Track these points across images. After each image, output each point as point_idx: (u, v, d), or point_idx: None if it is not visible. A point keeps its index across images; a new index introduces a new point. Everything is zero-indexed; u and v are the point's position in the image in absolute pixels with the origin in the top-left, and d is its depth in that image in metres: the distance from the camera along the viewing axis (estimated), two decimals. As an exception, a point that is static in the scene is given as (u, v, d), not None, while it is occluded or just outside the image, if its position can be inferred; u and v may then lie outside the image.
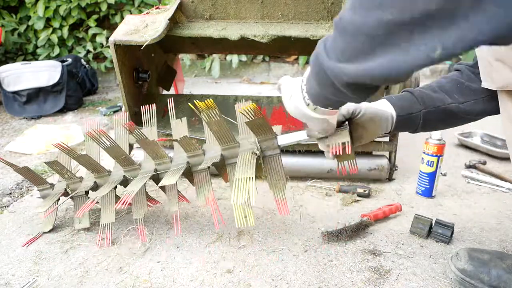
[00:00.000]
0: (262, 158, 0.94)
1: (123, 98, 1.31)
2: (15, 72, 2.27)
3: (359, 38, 0.49)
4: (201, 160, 0.99)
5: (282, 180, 0.93)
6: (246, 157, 0.91)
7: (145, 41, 1.17)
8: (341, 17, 0.52)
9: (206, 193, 0.96)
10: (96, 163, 1.07)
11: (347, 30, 0.51)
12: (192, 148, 0.99)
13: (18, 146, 1.75)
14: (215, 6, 1.30)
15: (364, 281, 0.88)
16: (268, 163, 0.94)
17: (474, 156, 1.66)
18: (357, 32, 0.49)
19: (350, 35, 0.50)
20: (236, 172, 0.86)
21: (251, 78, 3.37)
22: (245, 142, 0.97)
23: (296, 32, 1.23)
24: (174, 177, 0.92)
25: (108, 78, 3.22)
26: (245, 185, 0.81)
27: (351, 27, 0.50)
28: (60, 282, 0.88)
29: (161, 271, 0.91)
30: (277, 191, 0.92)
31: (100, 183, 1.09)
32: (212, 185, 0.97)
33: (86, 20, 3.05)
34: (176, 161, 1.02)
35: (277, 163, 0.94)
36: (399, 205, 1.17)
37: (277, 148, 0.93)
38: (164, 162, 1.03)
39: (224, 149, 0.98)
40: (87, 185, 1.08)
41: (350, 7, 0.50)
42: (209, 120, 0.90)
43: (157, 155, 1.02)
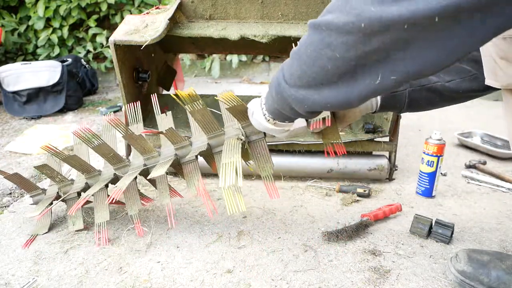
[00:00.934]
0: (248, 143, 0.96)
1: (123, 98, 1.31)
2: (15, 72, 2.27)
3: (313, 69, 0.58)
4: (188, 151, 1.01)
5: (268, 163, 0.95)
6: (231, 142, 0.92)
7: (145, 41, 1.17)
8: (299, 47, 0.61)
9: (196, 183, 0.97)
10: (86, 163, 1.07)
11: (303, 60, 0.59)
12: (179, 140, 1.01)
13: (18, 146, 1.75)
14: (215, 6, 1.30)
15: (364, 281, 0.88)
16: (254, 148, 0.96)
17: (474, 156, 1.66)
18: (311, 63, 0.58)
19: (305, 65, 0.59)
20: (222, 158, 0.87)
21: (251, 78, 3.37)
22: (230, 129, 0.98)
23: (296, 32, 1.23)
24: (162, 169, 0.94)
25: (108, 78, 3.22)
26: (232, 169, 0.82)
27: (306, 58, 0.58)
28: (60, 282, 0.88)
29: (161, 271, 0.91)
30: (266, 175, 0.94)
31: (91, 183, 1.09)
32: (200, 175, 0.98)
33: (86, 20, 3.05)
34: (164, 154, 1.03)
35: (263, 147, 0.96)
36: (399, 205, 1.17)
37: (262, 132, 0.94)
38: (153, 156, 1.04)
39: (210, 137, 0.99)
40: (79, 186, 1.08)
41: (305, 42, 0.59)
42: (192, 110, 0.91)
43: (144, 149, 1.03)
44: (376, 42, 0.50)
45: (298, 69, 0.61)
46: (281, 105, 0.70)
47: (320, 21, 0.55)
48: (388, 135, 1.35)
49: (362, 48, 0.51)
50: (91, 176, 1.10)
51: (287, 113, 0.71)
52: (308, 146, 1.35)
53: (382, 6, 0.47)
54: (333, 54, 0.54)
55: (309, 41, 0.57)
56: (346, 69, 0.55)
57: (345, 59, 0.53)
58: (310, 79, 0.59)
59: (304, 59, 0.59)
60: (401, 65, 0.51)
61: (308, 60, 0.58)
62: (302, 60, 0.59)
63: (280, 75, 0.66)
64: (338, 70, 0.55)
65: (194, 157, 0.99)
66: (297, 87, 0.63)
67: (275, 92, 0.69)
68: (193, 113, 0.93)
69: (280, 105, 0.70)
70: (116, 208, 1.20)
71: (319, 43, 0.55)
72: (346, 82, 0.57)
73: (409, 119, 2.09)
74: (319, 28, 0.55)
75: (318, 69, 0.57)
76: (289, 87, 0.64)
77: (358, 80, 0.55)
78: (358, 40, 0.50)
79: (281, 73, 0.66)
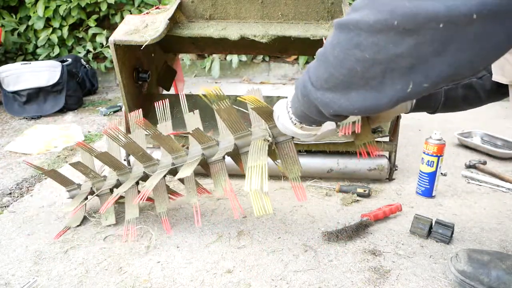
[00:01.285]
0: (275, 144, 0.95)
1: (123, 98, 1.31)
2: (15, 72, 2.27)
3: (341, 71, 0.55)
4: (215, 151, 1.01)
5: (296, 165, 0.94)
6: (257, 144, 0.91)
7: (145, 41, 1.17)
8: (325, 48, 0.58)
9: (223, 184, 0.97)
10: (116, 160, 1.10)
11: (330, 61, 0.56)
12: (206, 140, 1.01)
13: (18, 146, 1.75)
14: (215, 6, 1.30)
15: (364, 281, 0.88)
16: (281, 149, 0.95)
17: (474, 156, 1.66)
18: (338, 65, 0.55)
19: (332, 66, 0.56)
20: (248, 160, 0.87)
21: (251, 78, 3.37)
22: (257, 130, 0.97)
23: (296, 32, 1.23)
24: (189, 169, 0.95)
25: (108, 78, 3.22)
26: (257, 172, 0.82)
27: (333, 59, 0.56)
28: (60, 282, 0.88)
29: (161, 271, 0.91)
30: (293, 177, 0.93)
31: (122, 180, 1.12)
32: (227, 175, 0.98)
33: (86, 20, 3.05)
34: (191, 154, 1.04)
35: (290, 148, 0.95)
36: (399, 205, 1.17)
37: None
38: (181, 155, 1.05)
39: (237, 138, 0.99)
40: (111, 183, 1.12)
41: (331, 43, 0.56)
42: (218, 108, 0.90)
43: (172, 149, 1.04)
44: (409, 43, 0.46)
45: (324, 71, 0.58)
46: (308, 108, 0.67)
47: (348, 20, 0.51)
48: (388, 135, 1.35)
49: (393, 50, 0.48)
50: (122, 173, 1.12)
51: (314, 116, 0.68)
52: (308, 146, 1.35)
53: (417, 1, 0.44)
54: (362, 55, 0.51)
55: (335, 41, 0.54)
56: (375, 73, 0.51)
57: (375, 61, 0.50)
58: (338, 82, 0.56)
59: (330, 60, 0.56)
60: (435, 70, 0.48)
61: (335, 62, 0.55)
62: (328, 62, 0.56)
63: (306, 77, 0.64)
64: (368, 73, 0.52)
65: (221, 157, 0.99)
66: (323, 90, 0.60)
67: (301, 94, 0.66)
68: (219, 111, 0.92)
69: (306, 108, 0.67)
70: (116, 207, 1.20)
71: (347, 43, 0.52)
72: (375, 88, 0.53)
73: (409, 119, 2.09)
74: (347, 27, 0.51)
75: (345, 71, 0.54)
76: (316, 89, 0.61)
77: (388, 85, 0.52)
78: (390, 40, 0.47)
79: (307, 75, 0.63)
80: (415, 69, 0.49)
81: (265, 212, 0.82)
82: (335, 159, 1.37)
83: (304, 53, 2.25)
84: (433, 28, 0.44)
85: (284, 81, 3.28)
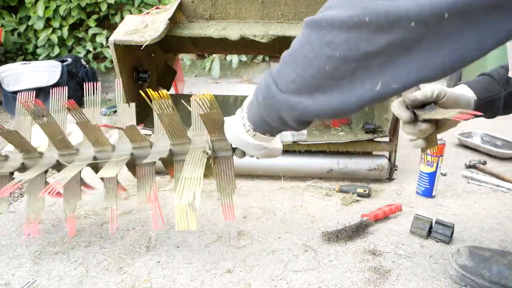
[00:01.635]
0: (214, 159, 0.89)
1: (123, 98, 1.31)
2: (15, 72, 2.27)
3: (309, 71, 0.53)
4: (146, 153, 0.92)
5: (231, 184, 0.88)
6: (196, 155, 0.86)
7: (145, 41, 1.17)
8: (292, 49, 0.56)
9: (148, 190, 0.90)
10: (26, 142, 0.96)
11: (298, 61, 0.54)
12: (139, 139, 0.92)
13: (18, 146, 1.75)
14: (215, 6, 1.30)
15: (364, 281, 0.88)
16: (219, 165, 0.89)
17: (474, 156, 1.66)
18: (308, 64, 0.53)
19: (300, 67, 0.54)
20: (184, 171, 0.81)
21: (251, 78, 3.37)
22: (197, 140, 0.91)
23: (296, 32, 1.23)
24: (114, 169, 0.85)
25: (108, 78, 3.22)
26: (191, 186, 0.76)
27: (302, 59, 0.54)
28: (60, 282, 0.88)
29: (161, 271, 0.91)
30: (225, 195, 0.88)
31: (29, 164, 0.98)
32: (155, 181, 0.91)
33: (86, 20, 3.05)
34: (119, 151, 0.94)
35: (229, 165, 0.89)
36: (399, 205, 1.17)
37: (230, 149, 0.87)
38: (106, 150, 0.94)
39: (174, 144, 0.92)
40: (13, 165, 0.97)
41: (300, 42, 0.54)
42: (160, 112, 0.84)
43: (98, 141, 0.93)
44: (380, 41, 0.46)
45: (291, 72, 0.56)
46: (268, 112, 0.63)
47: (320, 17, 0.50)
48: (388, 135, 1.35)
49: (364, 48, 0.47)
50: (29, 157, 0.97)
51: (272, 123, 0.65)
52: (308, 146, 1.35)
53: None
54: (333, 53, 0.49)
55: (305, 40, 0.53)
56: (345, 72, 0.50)
57: (345, 59, 0.49)
58: (305, 83, 0.54)
59: (299, 60, 0.54)
60: (405, 70, 0.47)
61: (304, 61, 0.53)
62: (296, 62, 0.55)
63: (269, 79, 0.60)
64: (337, 72, 0.51)
65: (152, 162, 0.90)
66: (289, 93, 0.57)
67: (263, 97, 0.63)
68: (161, 116, 0.85)
69: (266, 111, 0.64)
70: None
71: (318, 41, 0.51)
72: (343, 87, 0.52)
73: (409, 119, 2.09)
74: (319, 24, 0.50)
75: (314, 70, 0.52)
76: (280, 92, 0.58)
77: (356, 85, 0.51)
78: (361, 37, 0.47)
79: (270, 77, 0.60)
80: (385, 68, 0.48)
81: (188, 229, 0.79)
82: (335, 159, 1.37)
83: (304, 53, 2.26)
84: (404, 27, 0.44)
85: (284, 81, 3.27)
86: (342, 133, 1.44)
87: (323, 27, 0.50)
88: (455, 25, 0.43)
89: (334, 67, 0.51)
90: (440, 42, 0.44)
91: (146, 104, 1.26)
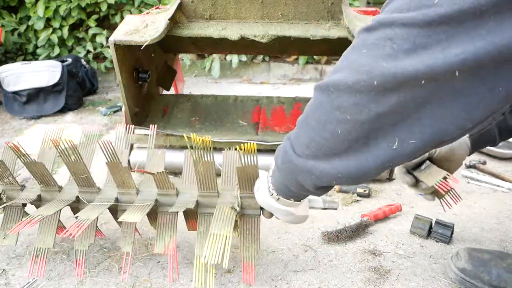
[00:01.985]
0: (240, 216, 0.86)
1: (123, 98, 1.31)
2: (15, 72, 2.27)
3: (323, 135, 0.53)
4: (171, 201, 0.88)
5: (255, 245, 0.85)
6: (224, 211, 0.83)
7: (145, 41, 1.17)
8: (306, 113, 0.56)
9: (167, 240, 0.85)
10: (49, 175, 0.92)
11: (311, 126, 0.55)
12: (166, 186, 0.88)
13: (18, 146, 1.75)
14: (215, 6, 1.30)
15: (364, 281, 0.88)
16: (245, 223, 0.86)
17: (474, 156, 1.66)
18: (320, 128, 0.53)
19: (313, 131, 0.54)
20: (212, 226, 0.78)
21: (251, 78, 3.37)
22: (226, 194, 0.88)
23: (296, 32, 1.23)
24: (139, 215, 0.81)
25: (108, 78, 3.22)
26: (220, 243, 0.74)
27: (315, 123, 0.54)
28: (60, 282, 0.88)
29: (161, 271, 0.91)
30: (248, 256, 0.84)
31: (46, 198, 0.94)
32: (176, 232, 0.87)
33: (86, 20, 3.05)
34: (143, 196, 0.90)
35: (255, 225, 0.86)
36: (399, 205, 1.17)
37: (259, 208, 0.85)
38: (129, 193, 0.91)
39: (202, 195, 0.88)
40: (28, 197, 0.93)
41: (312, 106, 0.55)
42: (197, 159, 0.81)
43: (123, 183, 0.89)
44: (391, 101, 0.46)
45: (306, 136, 0.56)
46: (287, 176, 0.64)
47: (327, 82, 0.51)
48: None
49: (375, 109, 0.47)
50: (48, 190, 0.93)
51: (292, 187, 0.65)
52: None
53: (395, 61, 0.44)
54: (343, 117, 0.49)
55: (316, 104, 0.53)
56: (358, 134, 0.50)
57: (357, 122, 0.49)
58: (319, 147, 0.54)
59: (312, 125, 0.54)
60: (419, 126, 0.47)
61: (317, 126, 0.53)
62: (310, 126, 0.55)
63: (287, 144, 0.61)
64: (350, 135, 0.50)
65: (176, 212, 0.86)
66: (305, 157, 0.57)
67: (281, 161, 0.63)
68: (197, 163, 0.81)
69: (285, 176, 0.64)
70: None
71: (328, 106, 0.51)
72: (359, 150, 0.51)
73: (409, 119, 2.09)
74: (327, 89, 0.51)
75: (327, 134, 0.52)
76: (297, 156, 0.58)
77: (372, 146, 0.50)
78: (371, 99, 0.46)
79: (288, 142, 0.61)
80: (399, 126, 0.48)
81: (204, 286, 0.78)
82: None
83: (304, 53, 2.25)
84: (415, 85, 0.44)
85: (284, 81, 3.27)
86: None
87: (331, 92, 0.50)
88: (467, 81, 0.42)
89: (346, 130, 0.50)
90: (451, 97, 0.44)
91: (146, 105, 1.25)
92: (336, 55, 3.20)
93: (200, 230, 0.87)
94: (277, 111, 1.56)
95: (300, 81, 3.25)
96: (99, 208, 0.86)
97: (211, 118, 1.55)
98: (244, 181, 0.83)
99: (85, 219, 0.79)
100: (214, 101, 1.62)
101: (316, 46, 1.63)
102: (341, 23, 1.24)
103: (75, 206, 0.93)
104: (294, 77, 3.36)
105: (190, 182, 0.93)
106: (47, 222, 0.90)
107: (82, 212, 0.84)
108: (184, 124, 1.51)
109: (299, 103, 1.59)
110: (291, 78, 3.33)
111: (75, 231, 0.74)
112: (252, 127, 1.50)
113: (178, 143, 1.38)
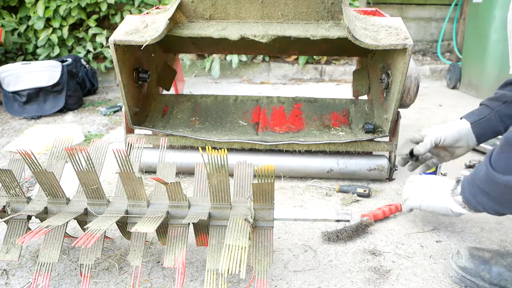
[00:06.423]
0: (253, 228, 0.85)
1: (123, 98, 1.31)
2: (15, 72, 2.27)
3: None
4: (183, 213, 0.87)
5: (268, 258, 0.83)
6: (238, 222, 0.82)
7: (145, 41, 1.17)
8: None
9: (177, 252, 0.83)
10: (57, 186, 0.89)
11: None
12: (178, 198, 0.87)
13: (18, 146, 1.75)
14: (215, 6, 1.30)
15: (364, 281, 0.88)
16: (258, 235, 0.85)
17: (474, 156, 1.66)
18: None
19: None
20: (227, 237, 0.77)
21: (251, 78, 3.37)
22: (239, 206, 0.88)
23: (296, 32, 1.23)
24: (152, 226, 0.79)
25: (108, 78, 3.22)
26: (236, 254, 0.73)
27: None
28: (60, 282, 0.88)
29: (161, 271, 0.91)
30: (260, 270, 0.81)
31: (52, 210, 0.91)
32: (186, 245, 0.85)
33: (86, 20, 3.05)
34: (153, 207, 0.89)
35: (268, 237, 0.85)
36: (399, 205, 1.17)
37: (272, 220, 0.86)
38: (140, 205, 0.89)
39: (214, 207, 0.87)
40: (34, 209, 0.90)
41: None
42: (211, 172, 0.80)
43: (134, 194, 0.88)
44: None
45: None
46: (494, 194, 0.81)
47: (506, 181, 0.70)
48: (388, 135, 1.35)
49: None
50: (55, 202, 0.91)
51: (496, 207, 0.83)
52: (308, 146, 1.35)
53: None
54: None
55: None
56: None
57: None
58: None
59: None
60: None
61: None
62: None
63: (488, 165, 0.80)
64: None
65: (187, 223, 0.85)
66: None
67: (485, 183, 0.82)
68: (211, 176, 0.80)
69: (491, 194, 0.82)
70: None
71: None
72: None
73: (409, 119, 2.09)
74: None
75: None
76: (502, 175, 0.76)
77: None
78: None
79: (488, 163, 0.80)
80: None
81: None
82: (335, 159, 1.37)
83: (304, 53, 2.25)
84: None
85: (284, 81, 3.27)
86: (342, 133, 1.44)
87: None
88: None
89: None
90: None
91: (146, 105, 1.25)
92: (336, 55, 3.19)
93: (212, 243, 0.85)
94: (277, 111, 1.56)
95: (300, 81, 3.25)
96: (110, 219, 0.84)
97: (211, 118, 1.55)
98: (259, 195, 0.83)
99: (97, 229, 0.77)
100: (214, 101, 1.62)
101: (316, 46, 1.63)
102: (341, 23, 1.24)
103: (82, 219, 0.92)
104: (294, 77, 3.36)
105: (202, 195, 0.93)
106: (53, 236, 0.88)
107: (93, 223, 0.82)
108: (184, 124, 1.51)
109: (299, 103, 1.59)
110: (291, 78, 3.33)
111: (88, 240, 0.73)
112: (252, 127, 1.50)
113: (178, 143, 1.38)
